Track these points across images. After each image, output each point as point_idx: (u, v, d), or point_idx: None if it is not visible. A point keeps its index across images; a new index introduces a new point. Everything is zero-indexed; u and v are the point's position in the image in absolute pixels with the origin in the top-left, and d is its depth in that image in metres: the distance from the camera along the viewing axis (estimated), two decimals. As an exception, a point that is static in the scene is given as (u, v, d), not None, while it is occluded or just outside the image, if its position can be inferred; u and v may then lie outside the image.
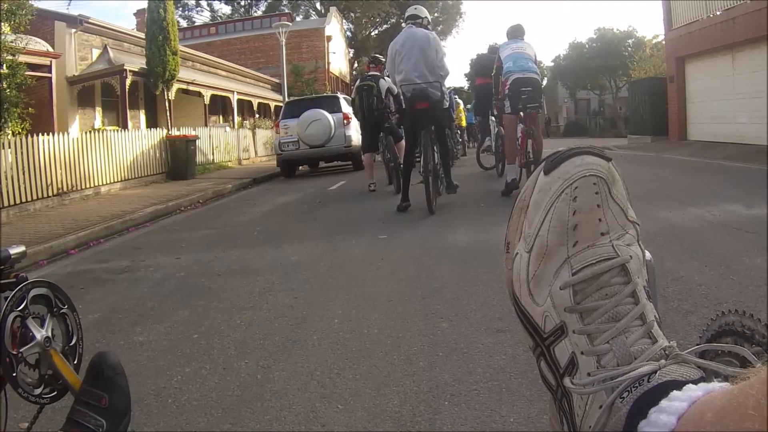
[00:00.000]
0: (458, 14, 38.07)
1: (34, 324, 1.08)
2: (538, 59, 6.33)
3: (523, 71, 5.95)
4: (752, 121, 10.52)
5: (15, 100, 8.52)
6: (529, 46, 6.26)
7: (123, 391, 1.00)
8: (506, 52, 6.19)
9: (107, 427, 0.96)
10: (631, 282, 0.46)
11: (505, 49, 6.27)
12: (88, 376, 1.00)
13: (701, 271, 2.94)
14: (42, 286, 1.12)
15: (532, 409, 1.75)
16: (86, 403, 0.97)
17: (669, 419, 0.37)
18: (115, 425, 0.97)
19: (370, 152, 7.96)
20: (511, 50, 6.16)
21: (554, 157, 0.50)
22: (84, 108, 13.26)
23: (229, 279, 3.78)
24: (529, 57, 6.14)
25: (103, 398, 0.97)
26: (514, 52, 6.13)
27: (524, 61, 6.06)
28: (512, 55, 6.11)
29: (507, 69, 6.08)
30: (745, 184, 5.98)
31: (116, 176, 10.23)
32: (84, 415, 0.96)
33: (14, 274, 1.14)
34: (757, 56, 10.39)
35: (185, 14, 37.10)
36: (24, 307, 1.07)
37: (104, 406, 0.97)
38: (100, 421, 0.95)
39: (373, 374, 2.10)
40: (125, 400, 1.00)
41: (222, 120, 18.97)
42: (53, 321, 1.13)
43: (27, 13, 9.02)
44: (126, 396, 1.00)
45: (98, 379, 0.99)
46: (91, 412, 0.96)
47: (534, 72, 6.04)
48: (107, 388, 0.98)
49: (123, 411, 0.99)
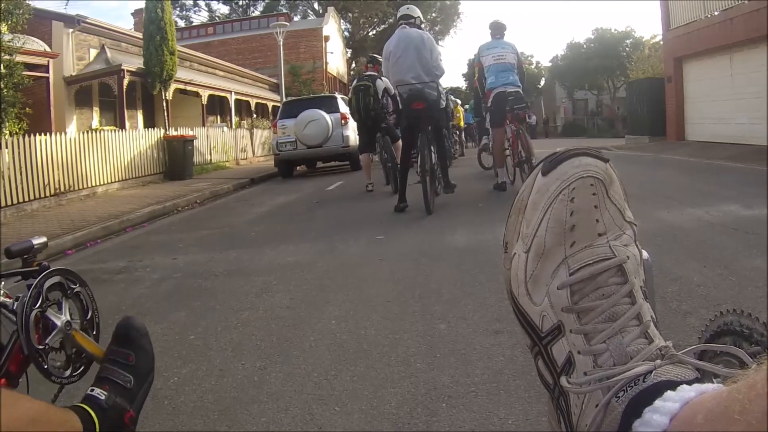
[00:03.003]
0: (456, 14, 38.18)
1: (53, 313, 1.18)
2: (522, 58, 6.48)
3: (505, 86, 6.23)
4: (751, 121, 10.54)
5: (12, 100, 8.51)
6: (509, 50, 6.41)
7: (147, 351, 1.10)
8: (488, 60, 6.36)
9: (134, 382, 1.05)
10: (628, 282, 0.46)
11: (486, 55, 6.39)
12: (115, 338, 1.11)
13: (700, 272, 2.94)
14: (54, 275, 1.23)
15: (530, 410, 1.74)
16: (115, 361, 1.07)
17: (662, 419, 0.37)
18: (142, 380, 1.07)
19: (367, 152, 7.96)
20: (493, 59, 6.31)
21: (552, 159, 0.50)
22: (81, 108, 13.25)
23: (226, 280, 3.77)
24: (511, 66, 6.34)
25: (130, 356, 1.07)
26: (495, 63, 6.31)
27: (506, 74, 6.27)
28: (493, 67, 6.32)
29: (490, 83, 6.34)
30: (744, 185, 5.98)
31: (113, 176, 10.22)
32: (113, 372, 1.05)
33: (36, 263, 1.28)
34: (756, 57, 10.42)
35: (183, 14, 37.11)
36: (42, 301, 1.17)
37: (131, 363, 1.07)
38: (128, 377, 1.05)
39: (371, 376, 2.10)
40: (149, 359, 1.10)
41: (220, 120, 18.98)
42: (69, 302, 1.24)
43: (24, 12, 9.02)
44: (150, 355, 1.11)
45: (125, 340, 1.09)
46: (120, 369, 1.05)
47: (515, 85, 6.28)
48: (133, 347, 1.08)
49: (148, 368, 1.09)
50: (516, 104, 6.14)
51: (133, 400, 1.03)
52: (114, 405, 0.98)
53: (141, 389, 1.06)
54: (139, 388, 1.05)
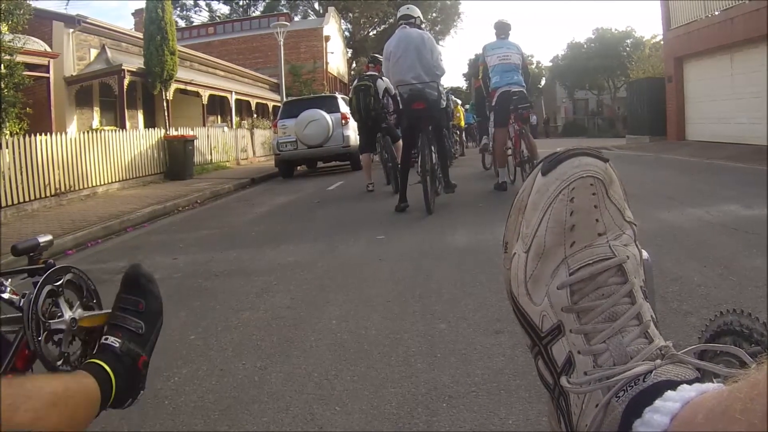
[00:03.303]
0: (456, 14, 38.18)
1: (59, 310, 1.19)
2: (526, 58, 6.52)
3: (509, 85, 6.25)
4: (751, 121, 10.54)
5: (13, 100, 8.51)
6: (514, 50, 6.44)
7: (156, 296, 1.12)
8: (493, 60, 6.37)
9: (145, 327, 1.07)
10: (628, 282, 0.46)
11: (491, 55, 6.40)
12: (124, 285, 1.12)
13: (700, 272, 2.94)
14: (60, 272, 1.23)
15: (530, 410, 1.74)
16: (125, 309, 1.08)
17: (663, 419, 0.37)
18: (152, 326, 1.09)
19: (367, 152, 7.96)
20: (498, 59, 6.32)
21: (552, 159, 0.50)
22: (82, 108, 13.25)
23: (226, 280, 3.77)
24: (516, 67, 6.37)
25: (140, 303, 1.09)
26: (500, 63, 6.33)
27: (510, 74, 6.30)
28: (498, 67, 6.34)
29: (494, 83, 6.36)
30: (744, 185, 5.98)
31: (114, 176, 10.22)
32: (125, 319, 1.06)
33: (42, 260, 1.30)
34: (756, 56, 10.41)
35: (183, 14, 37.12)
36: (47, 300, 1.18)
37: (141, 309, 1.09)
38: (139, 323, 1.07)
39: (371, 376, 2.10)
40: (158, 305, 1.12)
41: (220, 120, 18.97)
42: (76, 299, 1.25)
43: (25, 12, 9.01)
44: (159, 301, 1.12)
45: (134, 287, 1.10)
46: (131, 316, 1.07)
47: (519, 84, 6.30)
48: (143, 294, 1.10)
49: (157, 314, 1.12)
50: (520, 103, 6.17)
51: (145, 345, 1.06)
52: (128, 351, 1.02)
53: (152, 334, 1.09)
54: (150, 333, 1.08)
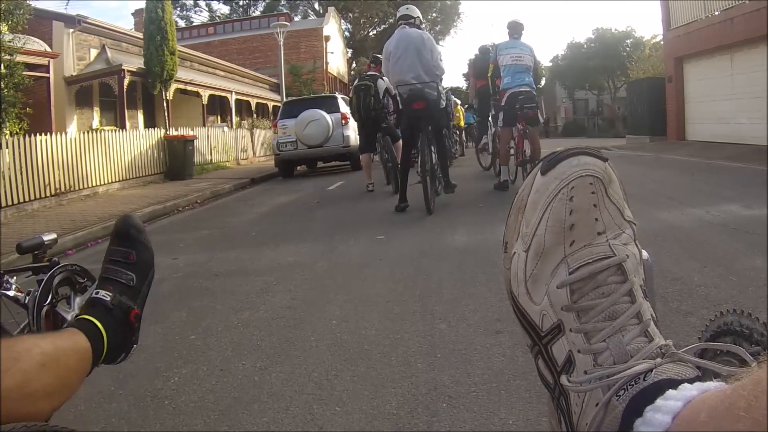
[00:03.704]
0: (456, 14, 38.19)
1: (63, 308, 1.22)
2: (537, 59, 6.49)
3: (519, 86, 6.27)
4: (751, 121, 10.53)
5: (13, 100, 8.51)
6: (527, 52, 6.43)
7: (147, 247, 1.10)
8: (505, 60, 6.35)
9: (137, 279, 1.06)
10: (628, 281, 0.46)
11: (504, 54, 6.38)
12: (115, 237, 1.10)
13: (701, 272, 2.94)
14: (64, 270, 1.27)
15: (531, 411, 1.74)
16: (116, 261, 1.07)
17: (664, 418, 0.37)
18: (144, 277, 1.07)
19: (367, 152, 7.96)
20: (511, 60, 6.32)
21: (551, 158, 0.50)
22: (82, 108, 13.25)
23: (226, 280, 3.77)
24: (527, 68, 6.37)
25: (131, 254, 1.07)
26: (513, 64, 6.32)
27: (522, 75, 6.31)
28: (511, 68, 6.33)
29: (505, 84, 6.36)
30: (744, 185, 5.98)
31: (114, 176, 10.22)
32: (115, 271, 1.05)
33: (47, 258, 1.33)
34: (756, 56, 10.41)
35: (183, 14, 37.11)
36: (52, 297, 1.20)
37: (132, 261, 1.06)
38: (130, 275, 1.05)
39: (371, 376, 2.10)
40: (149, 256, 1.10)
41: (220, 120, 18.97)
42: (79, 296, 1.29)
43: (25, 12, 9.01)
44: (150, 252, 1.10)
45: (124, 239, 1.08)
46: (122, 268, 1.05)
47: (529, 86, 6.32)
48: (133, 245, 1.08)
49: (148, 265, 1.09)
50: (526, 103, 6.19)
51: (136, 297, 1.04)
52: (119, 304, 1.01)
53: (144, 285, 1.07)
54: (141, 284, 1.06)
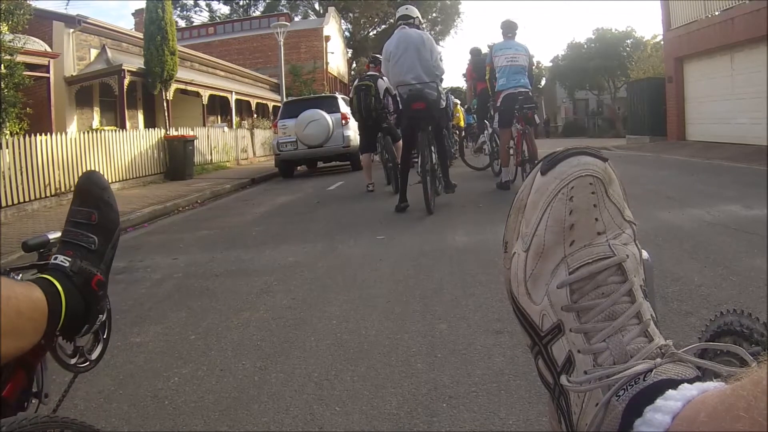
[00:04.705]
0: (456, 14, 38.21)
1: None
2: (533, 58, 6.54)
3: (516, 87, 6.31)
4: (751, 121, 10.53)
5: (13, 100, 8.52)
6: (522, 51, 6.47)
7: (110, 206, 1.01)
8: (500, 61, 6.38)
9: (99, 241, 0.97)
10: (628, 281, 0.46)
11: (499, 56, 6.40)
12: (76, 197, 1.01)
13: (701, 272, 2.94)
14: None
15: (531, 411, 1.74)
16: (77, 223, 0.98)
17: (664, 418, 0.37)
18: (107, 239, 0.99)
19: (368, 152, 7.96)
20: (506, 61, 6.34)
21: (551, 158, 0.50)
22: (82, 108, 13.25)
23: (226, 280, 3.77)
24: (523, 68, 6.41)
25: (92, 214, 0.98)
26: (508, 65, 6.35)
27: (518, 76, 6.34)
28: (506, 69, 6.36)
29: (501, 85, 6.40)
30: (745, 185, 5.98)
31: (114, 176, 10.22)
32: (76, 234, 0.97)
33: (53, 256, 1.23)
34: (756, 56, 10.41)
35: (184, 14, 37.12)
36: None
37: (94, 222, 0.98)
38: (92, 238, 0.97)
39: (371, 376, 2.10)
40: (114, 215, 1.01)
41: (220, 120, 18.98)
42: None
43: (25, 12, 9.02)
44: (114, 210, 1.02)
45: (86, 198, 1.00)
46: (83, 230, 0.97)
47: (525, 86, 6.36)
48: (95, 204, 1.00)
49: (113, 225, 1.01)
50: (525, 104, 6.23)
51: (99, 262, 0.97)
52: (80, 270, 0.93)
53: (107, 248, 0.99)
54: (105, 247, 0.98)
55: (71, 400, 1.99)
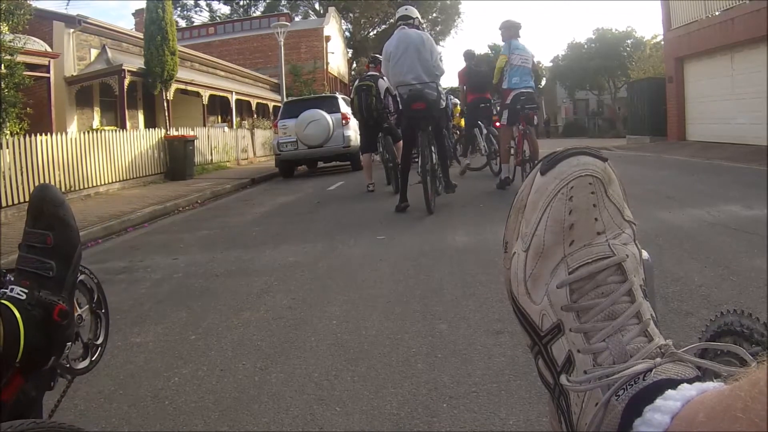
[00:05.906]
0: (457, 14, 38.16)
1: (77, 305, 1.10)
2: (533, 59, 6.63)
3: (526, 87, 6.47)
4: (751, 121, 10.53)
5: (13, 100, 8.52)
6: (529, 54, 6.61)
7: (67, 224, 0.91)
8: (516, 60, 6.53)
9: (57, 266, 0.88)
10: (627, 281, 0.46)
11: (515, 55, 6.51)
12: (29, 217, 0.92)
13: (701, 272, 2.94)
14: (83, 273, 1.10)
15: (531, 411, 1.74)
16: (32, 247, 0.89)
17: (663, 418, 0.37)
18: (66, 263, 0.89)
19: (368, 152, 7.96)
20: (520, 61, 6.52)
21: (551, 158, 0.50)
22: (82, 108, 13.26)
23: (227, 280, 3.77)
24: (530, 71, 6.58)
25: (47, 237, 0.89)
26: (521, 66, 6.52)
27: (528, 77, 6.51)
28: (520, 70, 6.51)
29: (513, 83, 6.49)
30: (745, 185, 5.98)
31: (114, 176, 10.22)
32: (30, 261, 0.88)
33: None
34: (756, 57, 10.41)
35: (184, 14, 37.09)
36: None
37: (50, 245, 0.89)
38: (48, 263, 0.88)
39: (372, 376, 2.10)
40: (71, 234, 0.91)
41: (220, 120, 18.98)
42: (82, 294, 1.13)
43: (25, 12, 9.02)
44: (72, 230, 0.91)
45: (40, 218, 0.91)
46: (38, 256, 0.88)
47: (532, 88, 6.57)
48: (50, 225, 0.90)
49: (71, 247, 0.91)
50: (527, 104, 6.32)
51: (60, 289, 0.88)
52: (39, 302, 0.84)
53: (68, 273, 0.89)
54: (64, 272, 0.88)
55: (71, 400, 1.99)
